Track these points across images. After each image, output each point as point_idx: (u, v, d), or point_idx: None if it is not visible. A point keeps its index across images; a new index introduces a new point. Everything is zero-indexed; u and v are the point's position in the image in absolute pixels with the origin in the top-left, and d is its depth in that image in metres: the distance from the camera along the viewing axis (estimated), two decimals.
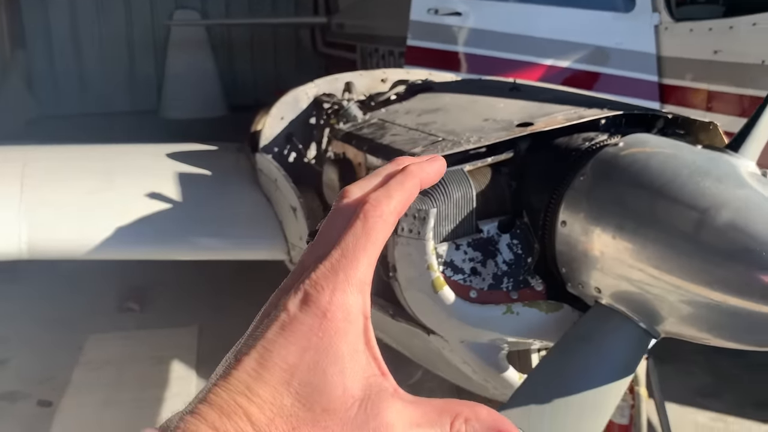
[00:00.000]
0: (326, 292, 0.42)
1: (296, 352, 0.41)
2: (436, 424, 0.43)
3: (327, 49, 8.34)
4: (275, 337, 0.42)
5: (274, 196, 2.53)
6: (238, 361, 0.42)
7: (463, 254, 1.59)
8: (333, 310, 0.42)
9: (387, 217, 0.45)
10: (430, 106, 1.91)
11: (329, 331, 0.42)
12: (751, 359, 3.81)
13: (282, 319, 0.42)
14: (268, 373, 0.41)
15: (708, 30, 2.98)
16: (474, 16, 3.44)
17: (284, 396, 0.41)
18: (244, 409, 0.40)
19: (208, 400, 0.41)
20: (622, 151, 1.47)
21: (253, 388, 0.41)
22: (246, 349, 0.42)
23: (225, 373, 0.42)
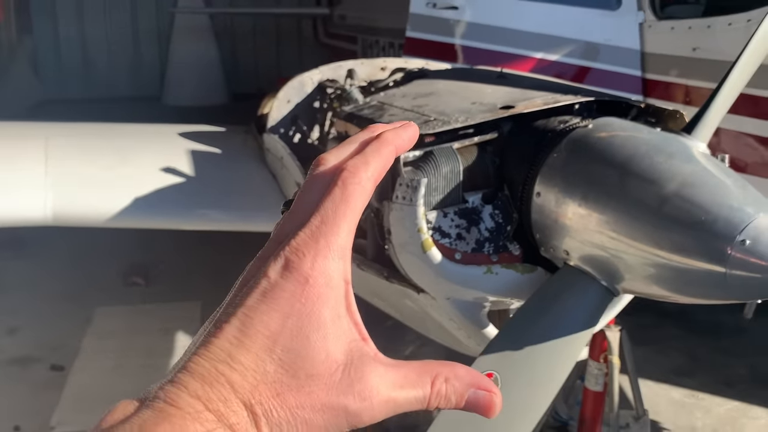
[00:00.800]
0: (308, 258, 0.42)
1: (278, 319, 0.41)
2: (417, 385, 0.44)
3: (329, 40, 8.50)
4: (256, 304, 0.41)
5: (280, 174, 2.72)
6: (219, 329, 0.41)
7: (450, 221, 1.80)
8: (315, 276, 0.42)
9: (365, 184, 0.45)
10: (424, 90, 2.11)
11: (311, 297, 0.42)
12: (722, 344, 4.04)
13: (263, 286, 0.42)
14: (250, 341, 0.41)
15: (688, 28, 3.18)
16: (470, 10, 3.63)
17: (267, 363, 0.40)
18: (227, 376, 0.40)
19: (189, 369, 0.41)
20: (591, 132, 1.67)
21: (235, 355, 0.40)
22: (226, 317, 0.42)
23: (205, 342, 0.41)
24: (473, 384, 0.45)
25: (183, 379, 0.40)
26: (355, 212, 0.44)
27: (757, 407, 3.44)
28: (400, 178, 1.72)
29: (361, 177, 0.45)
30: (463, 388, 0.45)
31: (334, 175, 0.45)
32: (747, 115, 2.93)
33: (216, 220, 2.68)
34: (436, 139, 1.83)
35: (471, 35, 3.63)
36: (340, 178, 0.44)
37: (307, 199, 0.45)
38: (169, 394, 0.40)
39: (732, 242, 1.32)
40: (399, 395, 0.43)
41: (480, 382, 0.46)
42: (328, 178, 0.45)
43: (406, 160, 1.79)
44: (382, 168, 0.47)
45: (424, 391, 0.44)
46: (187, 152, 2.89)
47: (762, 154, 2.90)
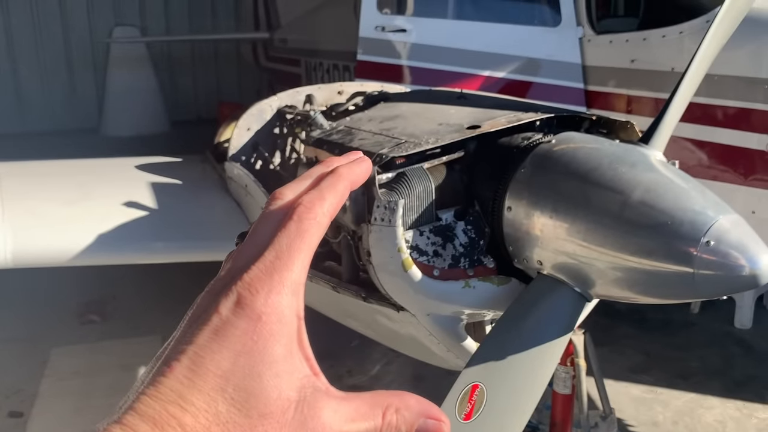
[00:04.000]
0: (261, 294, 0.41)
1: (230, 357, 0.40)
2: (369, 417, 0.43)
3: (270, 63, 8.50)
4: (207, 342, 0.40)
5: (244, 201, 2.73)
6: (169, 368, 0.40)
7: (426, 239, 1.85)
8: (268, 312, 0.41)
9: (320, 219, 0.45)
10: (389, 113, 2.17)
11: (264, 334, 0.41)
12: (674, 340, 4.22)
13: (214, 323, 0.41)
14: (201, 380, 0.40)
15: (625, 41, 3.36)
16: (417, 32, 3.73)
17: (219, 403, 0.39)
18: (178, 419, 0.39)
19: (137, 410, 0.39)
20: (555, 146, 1.76)
21: (185, 396, 0.39)
22: (175, 354, 0.41)
23: (154, 381, 0.40)
24: (423, 413, 0.45)
25: (132, 421, 0.39)
26: (310, 247, 0.44)
27: (711, 397, 3.61)
28: (377, 200, 1.76)
29: (317, 212, 0.45)
30: (413, 418, 0.45)
31: (289, 209, 0.45)
32: (686, 121, 3.11)
33: (182, 251, 2.66)
34: (406, 161, 1.89)
35: (420, 56, 3.73)
36: (296, 213, 0.44)
37: (261, 232, 0.44)
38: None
39: (697, 244, 1.42)
40: (351, 429, 0.43)
41: (430, 412, 0.45)
42: (283, 212, 0.45)
43: (380, 182, 1.84)
44: (338, 203, 0.47)
45: (375, 422, 0.44)
46: (148, 184, 2.87)
47: (700, 157, 3.08)
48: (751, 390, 3.67)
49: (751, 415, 3.47)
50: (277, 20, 8.37)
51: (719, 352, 4.09)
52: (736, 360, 4.01)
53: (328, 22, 6.45)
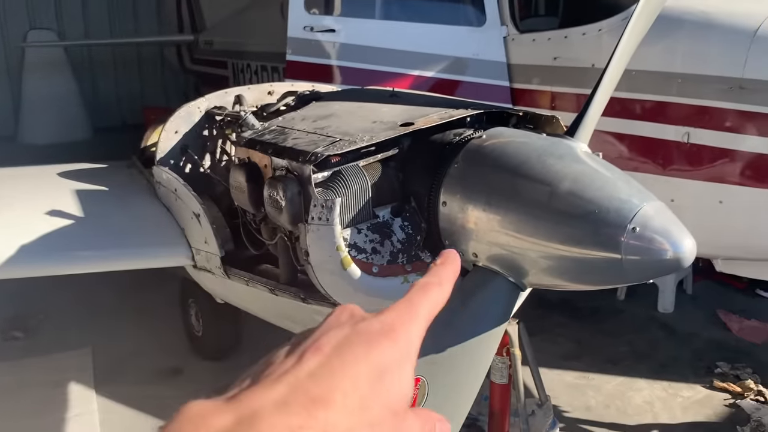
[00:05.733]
0: (404, 328, 0.47)
1: (379, 371, 0.44)
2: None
3: (196, 66, 8.33)
4: (361, 354, 0.44)
5: (174, 206, 2.66)
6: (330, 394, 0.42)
7: (364, 237, 1.87)
8: (410, 341, 0.47)
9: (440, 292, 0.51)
10: (322, 112, 2.17)
11: (404, 356, 0.46)
12: (603, 326, 4.39)
13: (363, 339, 0.45)
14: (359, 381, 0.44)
15: (548, 40, 3.47)
16: (346, 32, 3.74)
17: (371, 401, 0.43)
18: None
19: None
20: (485, 141, 1.81)
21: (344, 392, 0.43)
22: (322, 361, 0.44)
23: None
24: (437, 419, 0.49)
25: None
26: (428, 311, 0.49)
27: (639, 379, 3.77)
28: (314, 200, 1.76)
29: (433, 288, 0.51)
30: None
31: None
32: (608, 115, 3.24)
33: (112, 260, 2.58)
34: (342, 159, 1.89)
35: (350, 56, 3.73)
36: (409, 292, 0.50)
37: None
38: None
39: (624, 230, 1.49)
40: None
41: (439, 417, 0.49)
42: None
43: (316, 181, 1.84)
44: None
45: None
46: (72, 192, 2.76)
47: (621, 149, 3.21)
48: (676, 371, 3.85)
49: (676, 394, 3.65)
50: (202, 22, 8.21)
51: (645, 336, 4.27)
52: (660, 343, 4.20)
53: (255, 24, 6.37)
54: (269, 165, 1.96)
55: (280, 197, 1.83)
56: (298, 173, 1.83)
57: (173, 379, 3.83)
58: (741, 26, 2.83)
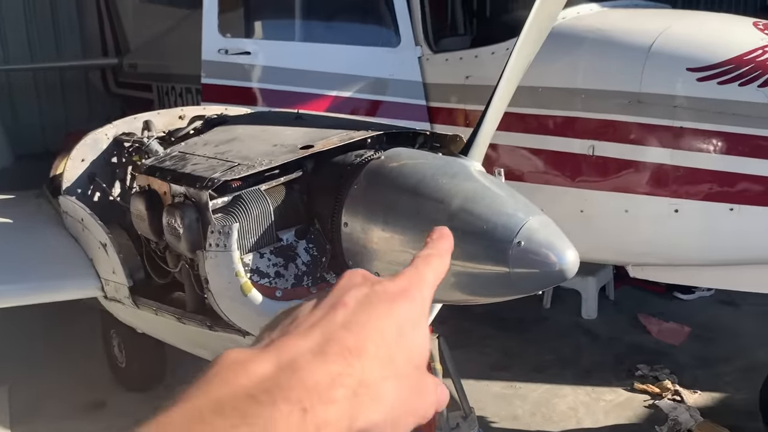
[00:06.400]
0: (420, 288, 0.50)
1: (398, 325, 0.46)
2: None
3: (121, 89, 8.16)
4: (382, 311, 0.46)
5: (82, 236, 2.59)
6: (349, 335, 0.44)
7: (267, 261, 1.86)
8: (425, 300, 0.49)
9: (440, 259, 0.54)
10: (225, 137, 2.16)
11: (423, 312, 0.49)
12: (529, 335, 4.48)
13: (383, 297, 0.47)
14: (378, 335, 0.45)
15: (459, 59, 3.55)
16: (263, 54, 3.74)
17: (395, 352, 0.45)
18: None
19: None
20: (384, 162, 1.84)
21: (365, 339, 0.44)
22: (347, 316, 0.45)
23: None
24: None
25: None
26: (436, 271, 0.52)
27: (564, 386, 3.86)
28: (212, 226, 1.75)
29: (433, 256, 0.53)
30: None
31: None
32: (518, 131, 3.35)
33: (18, 295, 2.48)
34: (243, 184, 1.89)
35: (266, 78, 3.73)
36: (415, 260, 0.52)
37: None
38: None
39: (510, 245, 1.54)
40: None
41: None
42: None
43: (216, 207, 1.83)
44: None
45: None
46: None
47: (533, 164, 3.31)
48: (599, 376, 3.97)
49: (599, 398, 3.75)
50: (126, 45, 8.06)
51: (570, 343, 4.38)
52: (584, 349, 4.32)
53: (179, 46, 6.30)
54: (168, 192, 1.94)
55: (178, 225, 1.81)
56: (196, 200, 1.82)
57: (96, 413, 3.70)
58: (637, 43, 2.97)
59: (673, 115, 2.83)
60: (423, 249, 0.54)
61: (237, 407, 0.37)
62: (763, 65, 2.68)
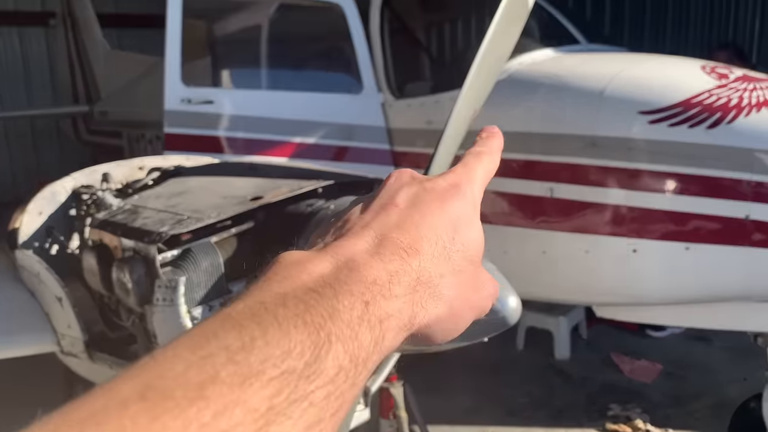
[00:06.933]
0: (470, 185, 0.50)
1: (455, 218, 0.47)
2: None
3: (92, 137, 8.16)
4: (434, 206, 0.47)
5: (38, 290, 2.55)
6: (400, 225, 0.45)
7: None
8: (475, 197, 0.50)
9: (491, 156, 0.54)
10: (177, 189, 2.16)
11: (474, 208, 0.50)
12: (503, 378, 4.46)
13: (434, 194, 0.47)
14: (431, 230, 0.46)
15: (421, 105, 3.61)
16: (227, 103, 3.77)
17: (451, 250, 0.46)
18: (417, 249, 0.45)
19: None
20: (332, 212, 1.85)
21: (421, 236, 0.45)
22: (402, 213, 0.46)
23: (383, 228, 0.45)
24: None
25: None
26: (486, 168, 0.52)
27: (536, 428, 3.83)
28: (159, 280, 1.74)
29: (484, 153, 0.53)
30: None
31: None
32: None
33: None
34: (193, 236, 1.88)
35: (231, 127, 3.76)
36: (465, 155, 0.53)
37: None
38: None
39: None
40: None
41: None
42: None
43: (164, 261, 1.82)
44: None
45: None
46: None
47: (497, 206, 3.35)
48: (571, 417, 3.94)
49: None
50: (97, 92, 8.08)
51: (543, 384, 4.36)
52: (557, 389, 4.30)
53: (148, 93, 6.32)
54: (119, 246, 1.93)
55: (127, 279, 1.80)
56: (144, 254, 1.81)
57: None
58: (590, 88, 3.05)
59: (627, 157, 2.89)
60: (473, 146, 0.54)
61: (300, 299, 0.37)
62: (710, 108, 2.76)
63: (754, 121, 2.70)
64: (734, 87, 2.90)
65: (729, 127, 2.70)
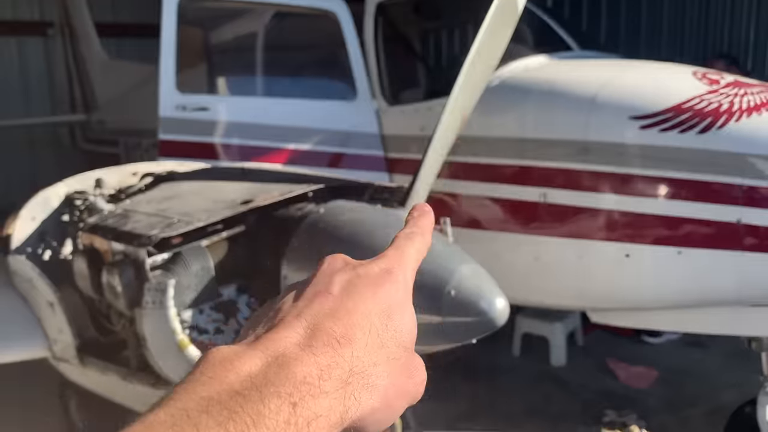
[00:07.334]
0: (401, 269, 0.50)
1: (387, 304, 0.47)
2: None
3: (89, 145, 8.18)
4: (368, 294, 0.46)
5: (30, 295, 2.56)
6: (333, 314, 0.44)
7: (206, 317, 1.85)
8: (407, 281, 0.50)
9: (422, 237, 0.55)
10: (168, 193, 2.17)
11: (407, 293, 0.50)
12: (499, 384, 4.46)
13: (369, 280, 0.47)
14: (365, 319, 0.46)
15: (414, 111, 3.63)
16: (222, 109, 3.79)
17: (385, 337, 0.45)
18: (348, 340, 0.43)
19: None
20: (323, 216, 1.86)
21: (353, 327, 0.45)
22: (334, 299, 0.46)
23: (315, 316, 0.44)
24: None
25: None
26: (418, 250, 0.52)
27: None
28: (148, 284, 1.74)
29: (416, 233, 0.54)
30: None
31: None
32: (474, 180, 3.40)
33: None
34: (184, 240, 1.89)
35: (226, 133, 3.77)
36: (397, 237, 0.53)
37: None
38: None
39: (441, 295, 1.55)
40: None
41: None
42: None
43: (155, 264, 1.82)
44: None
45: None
46: None
47: (490, 212, 3.36)
48: (567, 423, 3.94)
49: None
50: (94, 101, 8.11)
51: (539, 391, 4.35)
52: (552, 396, 4.29)
53: (145, 101, 6.34)
54: (109, 250, 1.94)
55: (117, 283, 1.80)
56: (134, 257, 1.82)
57: None
58: (582, 93, 3.07)
59: (618, 162, 2.90)
60: (404, 227, 0.55)
61: (224, 405, 0.36)
62: (700, 113, 2.77)
63: (745, 126, 2.72)
64: (725, 92, 2.91)
65: (720, 132, 2.72)
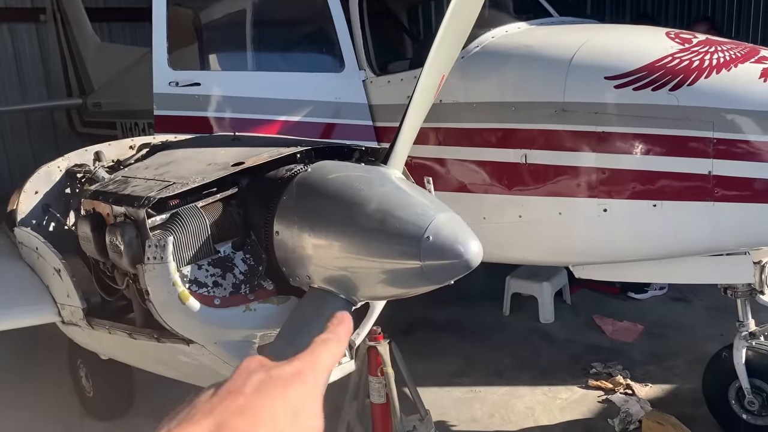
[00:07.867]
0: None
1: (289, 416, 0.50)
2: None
3: (86, 128, 8.27)
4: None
5: (37, 264, 2.70)
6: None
7: (205, 272, 1.99)
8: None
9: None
10: (164, 160, 2.30)
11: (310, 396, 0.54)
12: (490, 342, 4.62)
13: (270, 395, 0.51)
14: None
15: (401, 80, 3.74)
16: (214, 84, 3.89)
17: None
18: None
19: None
20: (310, 174, 1.99)
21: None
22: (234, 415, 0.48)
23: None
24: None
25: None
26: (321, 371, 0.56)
27: (521, 387, 4.00)
28: (149, 241, 1.88)
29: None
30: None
31: None
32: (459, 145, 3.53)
33: None
34: (181, 201, 2.03)
35: (218, 107, 3.88)
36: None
37: None
38: None
39: (420, 240, 1.69)
40: None
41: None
42: None
43: (154, 224, 1.96)
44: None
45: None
46: None
47: (475, 175, 3.49)
48: (555, 375, 4.11)
49: (555, 396, 3.89)
50: (90, 85, 8.19)
51: (528, 347, 4.53)
52: (541, 351, 4.46)
53: (139, 82, 6.43)
54: (111, 213, 2.07)
55: (119, 242, 1.94)
56: (134, 218, 1.95)
57: None
58: (559, 56, 3.18)
59: (595, 121, 3.02)
60: (323, 333, 0.60)
61: None
62: (672, 71, 2.89)
63: (715, 82, 2.83)
64: (696, 50, 3.03)
65: (691, 89, 2.84)
